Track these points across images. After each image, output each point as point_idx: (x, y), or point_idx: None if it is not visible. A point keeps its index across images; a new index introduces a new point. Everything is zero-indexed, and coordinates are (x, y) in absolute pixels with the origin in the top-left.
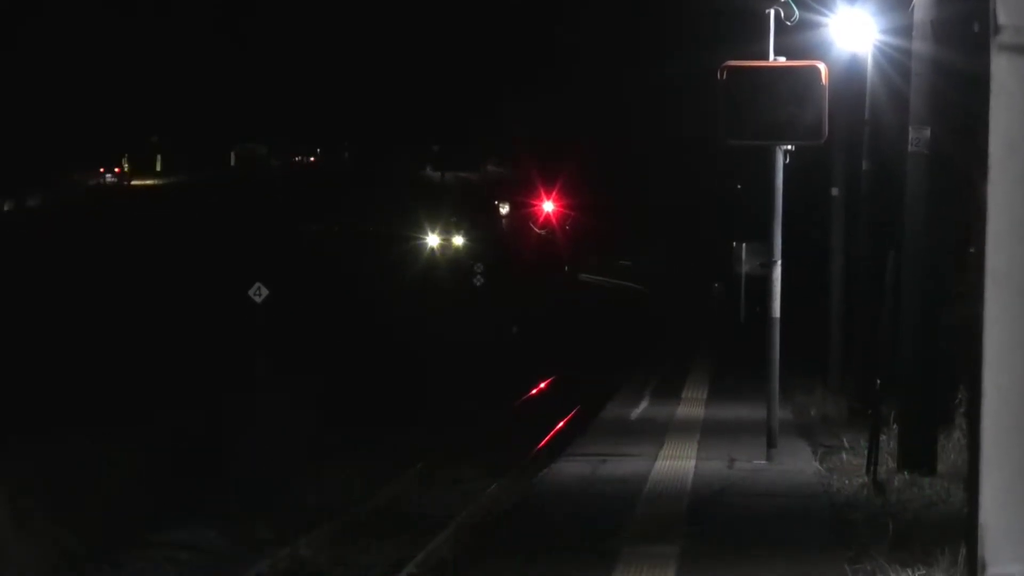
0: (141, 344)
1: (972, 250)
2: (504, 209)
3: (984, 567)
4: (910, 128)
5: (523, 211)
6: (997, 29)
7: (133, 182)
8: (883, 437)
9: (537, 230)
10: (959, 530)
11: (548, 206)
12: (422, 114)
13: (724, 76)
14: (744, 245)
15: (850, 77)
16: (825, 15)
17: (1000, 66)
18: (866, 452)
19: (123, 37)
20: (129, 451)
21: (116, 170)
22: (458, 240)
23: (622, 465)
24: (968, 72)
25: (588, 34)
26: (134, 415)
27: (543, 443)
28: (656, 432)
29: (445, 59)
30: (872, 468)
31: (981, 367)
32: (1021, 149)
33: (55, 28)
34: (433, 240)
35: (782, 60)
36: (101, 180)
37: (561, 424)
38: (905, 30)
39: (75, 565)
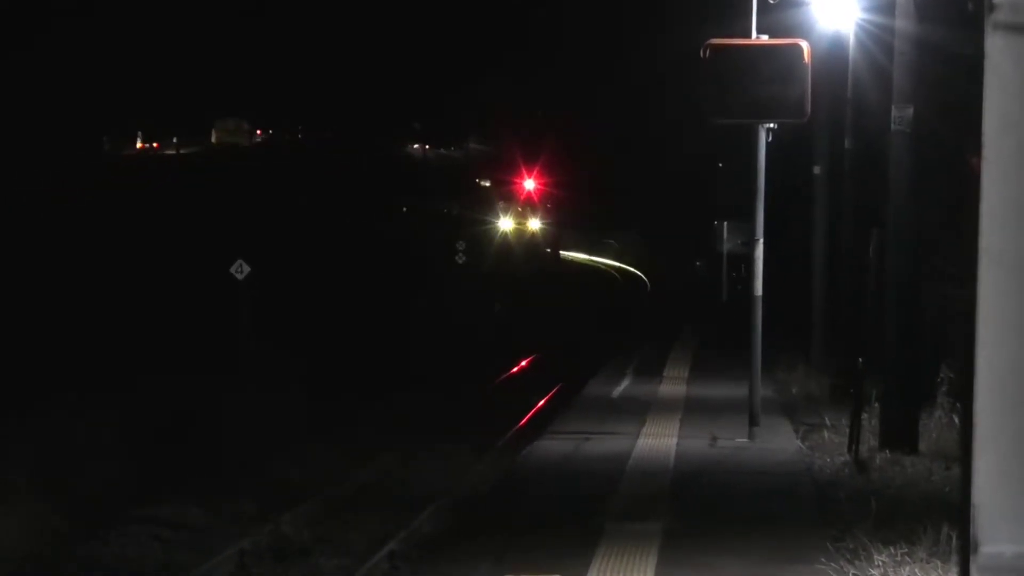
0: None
1: (961, 235)
2: (486, 185)
3: (977, 547)
4: (893, 106)
5: (505, 188)
6: (992, 7)
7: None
8: (865, 415)
9: (519, 207)
10: (941, 508)
11: (529, 184)
12: (403, 90)
13: (707, 54)
14: (726, 224)
15: (833, 55)
16: None
17: (994, 45)
18: (848, 430)
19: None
20: (112, 427)
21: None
22: (535, 224)
23: (604, 443)
24: (951, 50)
25: (570, 12)
26: (121, 389)
27: (525, 420)
28: (638, 410)
29: (425, 34)
30: (854, 446)
31: (975, 346)
32: (1015, 129)
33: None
34: (506, 224)
35: (765, 38)
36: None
37: (543, 402)
38: (887, 8)
39: (59, 541)
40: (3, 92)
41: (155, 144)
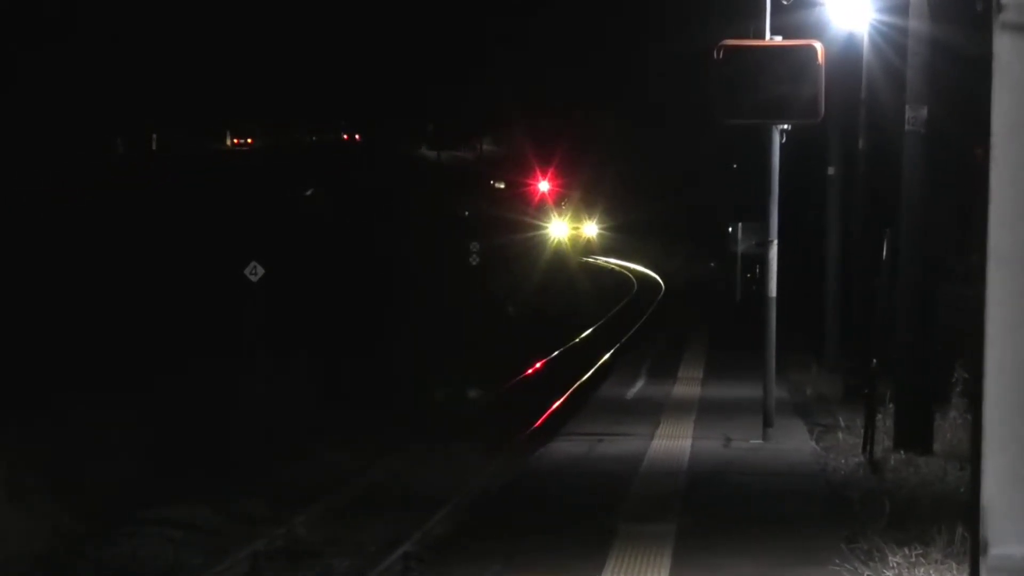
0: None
1: (968, 233)
2: (500, 188)
3: (986, 548)
4: (906, 107)
5: (519, 190)
6: (1000, 8)
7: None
8: (879, 416)
9: (535, 208)
10: (955, 509)
11: (544, 186)
12: (414, 91)
13: (720, 55)
14: (740, 224)
15: (847, 56)
16: None
17: (1003, 45)
18: (862, 431)
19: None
20: (122, 427)
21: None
22: (591, 230)
23: (618, 444)
24: (965, 50)
25: (581, 12)
26: (130, 389)
27: (540, 422)
28: (652, 412)
29: (429, 36)
30: (868, 447)
31: (984, 347)
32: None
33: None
34: (559, 230)
35: (778, 39)
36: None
37: (557, 404)
38: (902, 8)
39: (70, 542)
40: (24, 92)
41: (249, 140)
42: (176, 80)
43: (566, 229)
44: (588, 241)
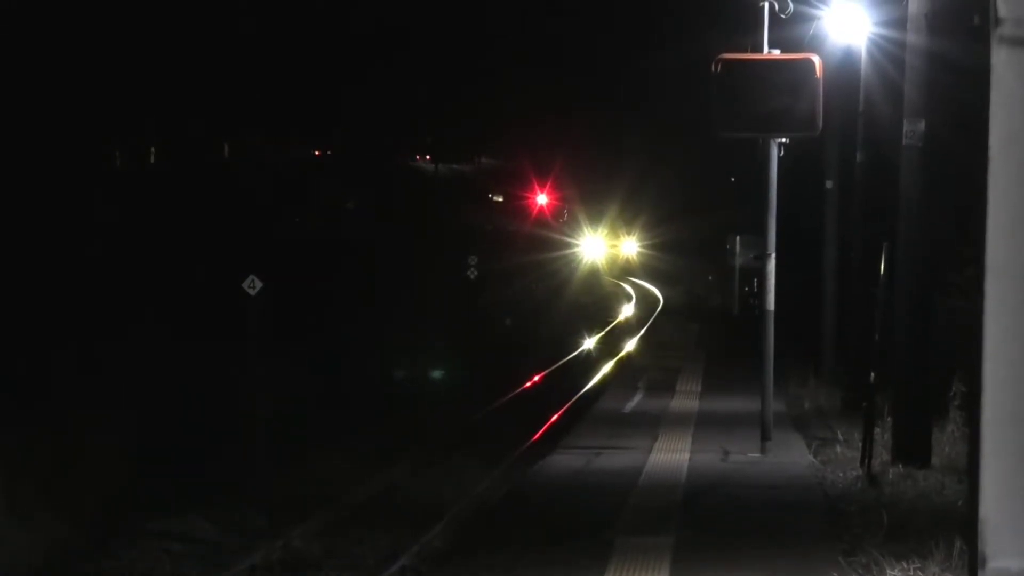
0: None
1: (962, 248)
2: (498, 200)
3: (984, 562)
4: (904, 121)
5: (517, 203)
6: (997, 22)
7: None
8: (877, 429)
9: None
10: (954, 522)
11: (542, 199)
12: (411, 102)
13: (718, 68)
14: (738, 238)
15: (844, 70)
16: (819, 8)
17: (1000, 59)
18: (860, 444)
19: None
20: (120, 439)
21: None
22: (630, 247)
23: (616, 458)
24: (963, 64)
25: (581, 23)
26: (128, 400)
27: (538, 436)
28: (650, 425)
29: (430, 46)
30: (866, 460)
31: (981, 359)
32: (1020, 142)
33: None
34: (594, 248)
35: (776, 53)
36: None
37: (555, 417)
38: (899, 22)
39: (67, 554)
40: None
41: (323, 152)
42: (167, 88)
43: (602, 247)
44: (627, 260)
